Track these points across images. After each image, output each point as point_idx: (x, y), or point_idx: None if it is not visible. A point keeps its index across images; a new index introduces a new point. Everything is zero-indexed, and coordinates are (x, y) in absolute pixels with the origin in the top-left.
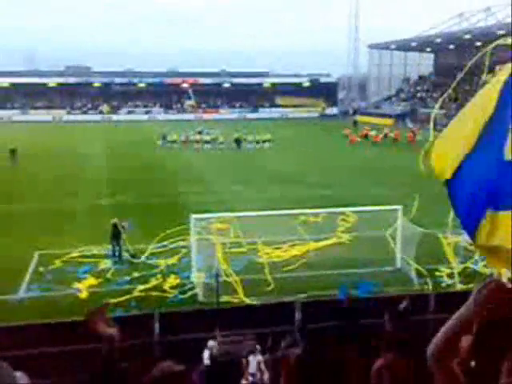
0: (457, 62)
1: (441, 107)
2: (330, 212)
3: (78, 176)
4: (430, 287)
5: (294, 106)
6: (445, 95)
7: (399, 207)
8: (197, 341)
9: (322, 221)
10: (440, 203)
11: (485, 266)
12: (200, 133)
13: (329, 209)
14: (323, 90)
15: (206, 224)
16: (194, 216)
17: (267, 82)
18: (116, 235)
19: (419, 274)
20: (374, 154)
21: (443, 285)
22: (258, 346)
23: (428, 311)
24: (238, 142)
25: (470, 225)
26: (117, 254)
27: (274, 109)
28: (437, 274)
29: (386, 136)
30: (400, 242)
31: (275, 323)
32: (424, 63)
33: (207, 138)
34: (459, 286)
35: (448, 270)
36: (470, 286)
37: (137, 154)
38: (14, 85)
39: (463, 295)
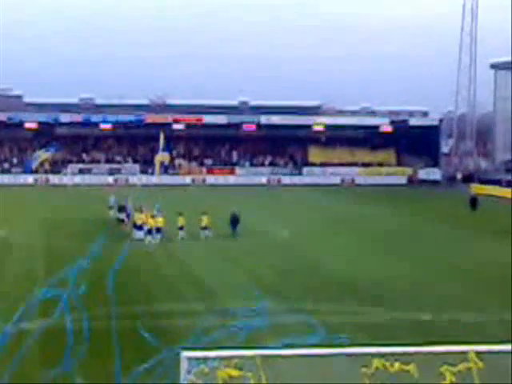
0: None
1: None
2: (423, 351)
3: None
4: None
5: (364, 165)
6: None
7: None
8: None
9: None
10: None
11: None
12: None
13: (423, 347)
14: (415, 139)
15: (207, 369)
16: (184, 354)
17: (318, 122)
18: None
19: None
20: None
21: None
22: None
23: None
24: (234, 220)
25: None
26: None
27: (329, 168)
28: None
29: None
30: None
31: None
32: None
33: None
34: None
35: None
36: None
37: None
38: None
39: None
